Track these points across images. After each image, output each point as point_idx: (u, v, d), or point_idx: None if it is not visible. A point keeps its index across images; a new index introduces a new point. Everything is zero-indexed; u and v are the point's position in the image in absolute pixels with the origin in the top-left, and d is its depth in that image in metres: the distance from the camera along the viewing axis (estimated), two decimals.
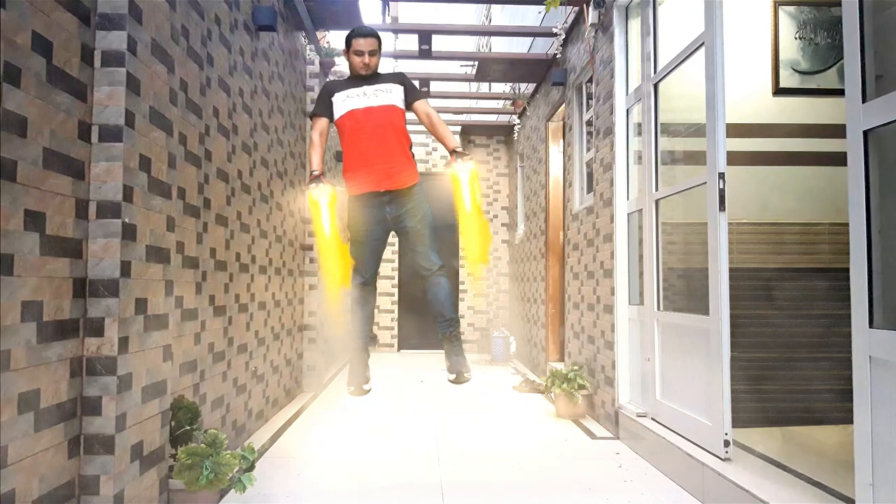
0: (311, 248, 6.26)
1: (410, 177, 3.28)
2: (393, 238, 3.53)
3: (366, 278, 3.34)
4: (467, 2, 6.04)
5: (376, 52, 3.30)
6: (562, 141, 6.64)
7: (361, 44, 3.27)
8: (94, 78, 2.23)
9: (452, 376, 3.35)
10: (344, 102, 3.27)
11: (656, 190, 4.05)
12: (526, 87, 7.98)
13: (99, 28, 2.24)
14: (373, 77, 3.30)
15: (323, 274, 3.30)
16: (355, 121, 3.23)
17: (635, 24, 4.49)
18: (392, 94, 3.28)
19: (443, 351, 3.41)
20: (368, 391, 3.36)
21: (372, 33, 3.31)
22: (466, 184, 3.19)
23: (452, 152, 3.20)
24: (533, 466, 3.75)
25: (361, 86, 3.27)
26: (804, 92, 4.21)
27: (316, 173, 3.19)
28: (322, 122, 3.32)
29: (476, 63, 7.32)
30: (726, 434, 3.15)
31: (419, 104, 3.34)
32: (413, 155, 3.35)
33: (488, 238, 3.37)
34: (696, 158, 3.60)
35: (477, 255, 3.31)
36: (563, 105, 6.32)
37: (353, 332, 3.39)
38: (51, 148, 1.99)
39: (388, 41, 11.16)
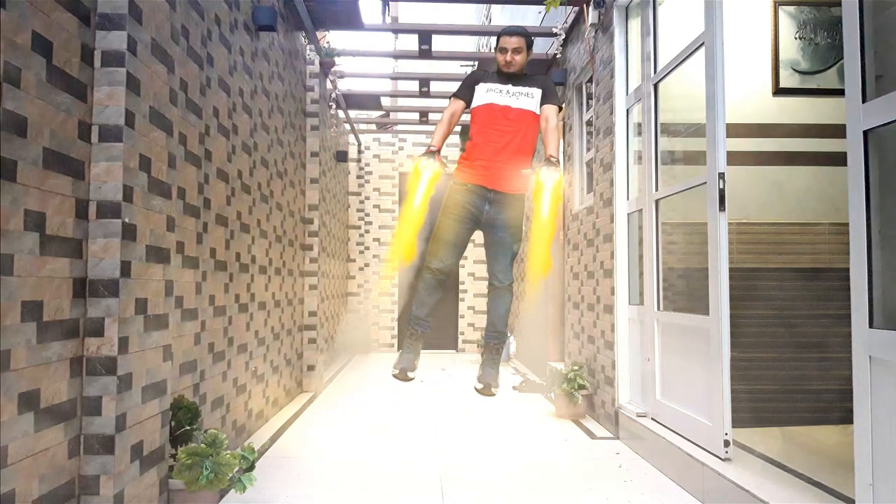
0: (310, 247, 6.26)
1: (522, 185, 3.30)
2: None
3: (443, 265, 3.29)
4: (467, 2, 6.03)
5: (522, 51, 3.29)
6: (562, 141, 6.64)
7: (507, 41, 3.29)
8: (94, 78, 2.22)
9: (480, 386, 3.38)
10: (486, 94, 3.29)
11: (656, 190, 4.04)
12: None
13: (99, 28, 2.24)
14: (519, 77, 3.32)
15: (392, 245, 3.28)
16: (491, 115, 3.26)
17: (635, 24, 4.49)
18: (532, 100, 3.30)
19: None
20: (412, 379, 3.38)
21: (519, 32, 3.33)
22: (549, 191, 3.17)
23: (548, 158, 3.19)
24: (533, 466, 3.75)
25: (507, 84, 3.29)
26: (804, 92, 4.21)
27: (433, 149, 3.20)
28: (458, 105, 3.35)
29: (476, 63, 7.31)
30: (726, 434, 3.15)
31: (547, 108, 3.34)
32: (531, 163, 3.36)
33: (549, 253, 3.34)
34: (696, 158, 3.59)
35: (540, 265, 3.30)
36: (563, 105, 6.32)
37: (415, 319, 3.39)
38: (51, 148, 1.99)
39: (388, 41, 11.16)
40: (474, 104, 3.33)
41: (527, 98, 3.28)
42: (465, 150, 3.33)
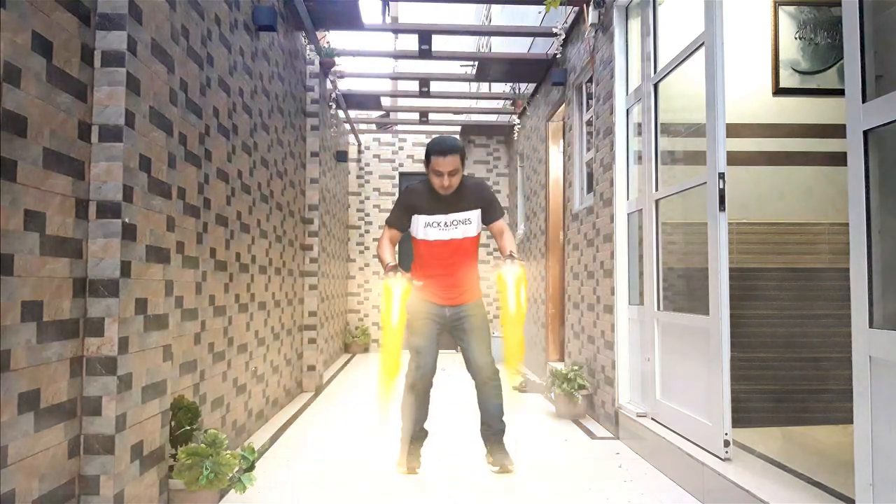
0: (310, 247, 6.26)
1: (474, 295, 3.44)
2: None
3: (423, 372, 3.38)
4: (467, 2, 6.03)
5: (458, 171, 3.24)
6: (562, 141, 6.64)
7: (441, 163, 3.18)
8: (94, 78, 2.22)
9: (496, 468, 3.50)
10: (424, 230, 3.35)
11: (656, 190, 4.04)
12: (526, 87, 7.98)
13: (99, 28, 2.24)
14: (454, 197, 3.32)
15: (381, 362, 3.40)
16: (432, 250, 3.37)
17: (635, 24, 4.48)
18: (471, 225, 3.37)
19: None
20: (417, 470, 3.55)
21: (454, 149, 3.19)
22: (512, 287, 3.26)
23: (509, 256, 3.28)
24: (533, 466, 3.74)
25: (444, 212, 3.33)
26: (804, 92, 4.21)
27: (392, 265, 3.27)
28: (394, 234, 3.45)
29: (476, 63, 7.32)
30: (726, 434, 3.15)
31: (496, 225, 3.45)
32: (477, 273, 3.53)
33: (522, 343, 3.49)
34: (696, 158, 3.59)
35: (514, 358, 3.43)
36: (563, 105, 6.32)
37: (409, 423, 3.49)
38: (51, 148, 1.99)
39: (388, 41, 11.16)
40: (414, 234, 3.41)
41: (465, 225, 3.35)
42: (415, 266, 3.45)
